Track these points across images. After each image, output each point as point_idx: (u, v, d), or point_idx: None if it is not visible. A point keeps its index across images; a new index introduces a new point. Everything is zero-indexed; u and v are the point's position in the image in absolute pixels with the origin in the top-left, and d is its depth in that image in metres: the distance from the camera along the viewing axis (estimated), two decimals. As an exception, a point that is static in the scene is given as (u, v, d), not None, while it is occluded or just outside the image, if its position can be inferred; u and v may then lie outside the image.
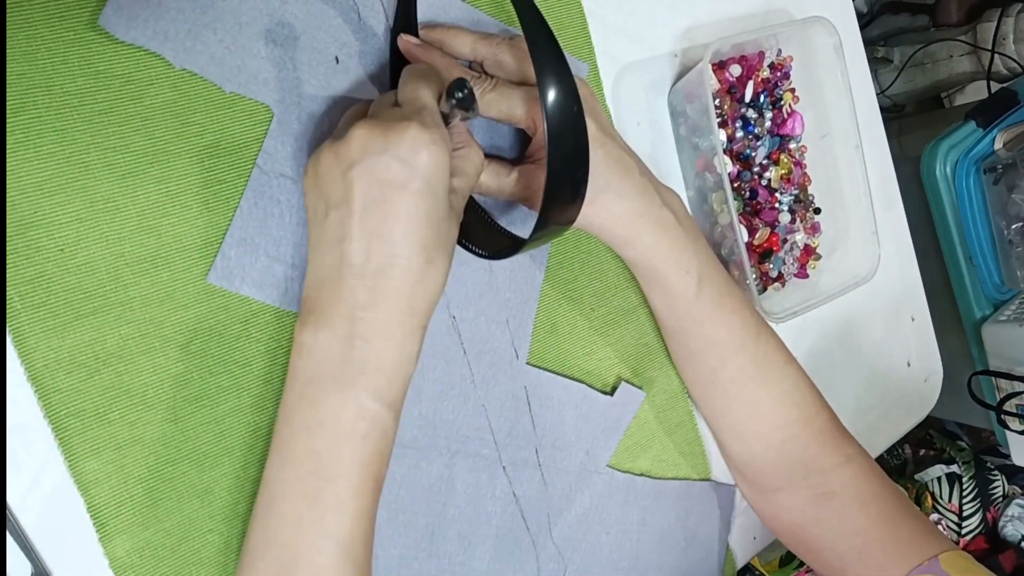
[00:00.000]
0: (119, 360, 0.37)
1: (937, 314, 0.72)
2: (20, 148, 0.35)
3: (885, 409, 0.68)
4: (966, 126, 0.89)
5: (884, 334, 0.68)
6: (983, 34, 1.18)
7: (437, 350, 0.46)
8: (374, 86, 0.43)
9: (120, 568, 0.37)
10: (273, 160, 0.40)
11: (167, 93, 0.38)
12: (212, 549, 0.40)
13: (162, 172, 0.38)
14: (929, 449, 1.38)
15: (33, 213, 0.35)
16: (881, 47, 1.32)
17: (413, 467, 0.45)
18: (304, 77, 0.41)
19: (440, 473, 0.46)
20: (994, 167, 0.90)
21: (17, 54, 0.34)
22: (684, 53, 0.55)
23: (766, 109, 0.56)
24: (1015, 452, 0.95)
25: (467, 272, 0.46)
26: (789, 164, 0.57)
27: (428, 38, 0.43)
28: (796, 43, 0.57)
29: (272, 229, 0.40)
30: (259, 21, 0.39)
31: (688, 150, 0.54)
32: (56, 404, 0.36)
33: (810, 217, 0.59)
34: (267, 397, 0.41)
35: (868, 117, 0.65)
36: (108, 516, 0.37)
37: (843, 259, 0.59)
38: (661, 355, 0.55)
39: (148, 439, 0.38)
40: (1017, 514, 1.26)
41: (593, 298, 0.52)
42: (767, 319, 0.53)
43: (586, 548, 0.52)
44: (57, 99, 0.35)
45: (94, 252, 0.36)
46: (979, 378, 0.92)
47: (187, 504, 0.39)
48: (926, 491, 1.29)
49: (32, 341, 0.35)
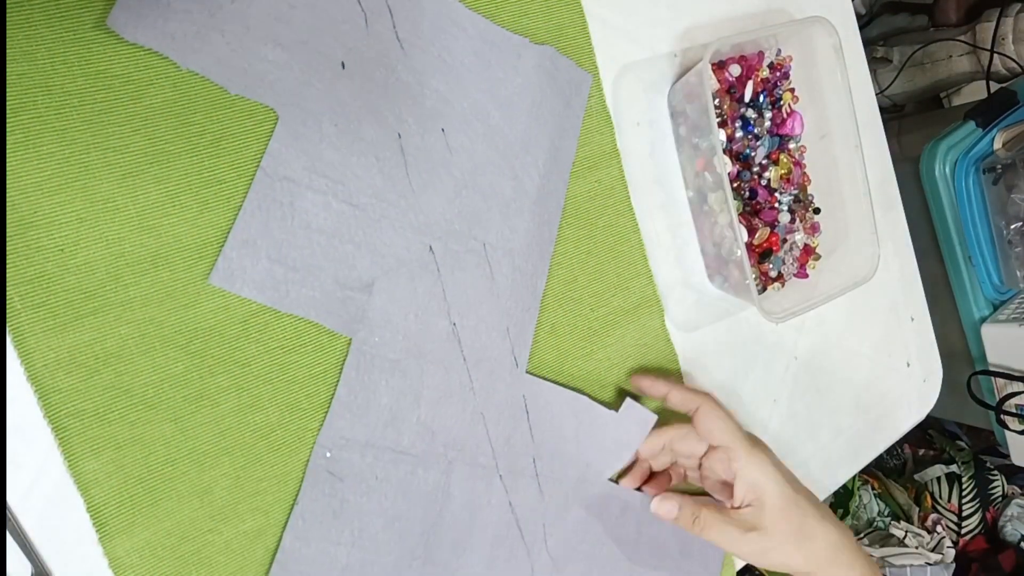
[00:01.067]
0: (119, 360, 0.37)
1: (937, 314, 0.72)
2: (20, 148, 0.35)
3: (885, 409, 0.68)
4: (965, 126, 0.89)
5: (883, 334, 0.68)
6: (982, 34, 1.18)
7: (437, 357, 0.45)
8: (380, 93, 0.43)
9: (120, 568, 0.37)
10: (277, 163, 0.40)
11: (167, 93, 0.38)
12: (212, 549, 0.40)
13: (162, 172, 0.38)
14: (929, 449, 1.38)
15: (33, 213, 0.35)
16: (880, 47, 1.32)
17: (410, 473, 0.45)
18: (310, 81, 0.41)
19: (437, 480, 0.46)
20: (993, 167, 0.90)
21: (17, 54, 0.34)
22: (684, 53, 0.55)
23: (766, 109, 0.56)
24: (1014, 452, 0.95)
25: (468, 279, 0.46)
26: (789, 164, 0.57)
27: None
28: (796, 43, 0.57)
29: (274, 231, 0.40)
30: (266, 25, 0.39)
31: (688, 150, 0.54)
32: (56, 404, 0.36)
33: (810, 217, 0.59)
34: (267, 397, 0.41)
35: (868, 117, 0.65)
36: (108, 516, 0.37)
37: (843, 259, 0.59)
38: (661, 356, 0.55)
39: (148, 439, 0.38)
40: (1016, 514, 1.26)
41: (593, 299, 0.52)
42: (767, 319, 0.53)
43: (581, 559, 0.52)
44: (57, 99, 0.35)
45: (94, 252, 0.36)
46: (979, 378, 0.92)
47: (187, 504, 0.39)
48: (926, 491, 1.29)
49: (32, 341, 0.35)
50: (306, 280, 0.41)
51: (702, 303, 0.57)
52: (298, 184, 0.41)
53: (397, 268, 0.44)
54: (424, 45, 0.44)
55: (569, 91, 0.50)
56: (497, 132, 0.47)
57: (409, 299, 0.44)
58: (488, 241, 0.47)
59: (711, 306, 0.57)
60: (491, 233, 0.47)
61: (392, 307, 0.44)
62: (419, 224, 0.44)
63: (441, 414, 0.46)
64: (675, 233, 0.55)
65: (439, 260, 0.45)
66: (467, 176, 0.46)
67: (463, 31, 0.46)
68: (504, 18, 0.47)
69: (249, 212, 0.40)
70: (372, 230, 0.43)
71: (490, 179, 0.47)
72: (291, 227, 0.41)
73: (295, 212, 0.41)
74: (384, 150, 0.43)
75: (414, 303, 0.44)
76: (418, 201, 0.44)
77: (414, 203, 0.44)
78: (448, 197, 0.45)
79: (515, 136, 0.48)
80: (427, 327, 0.45)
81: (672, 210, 0.55)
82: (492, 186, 0.47)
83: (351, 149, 0.42)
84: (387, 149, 0.43)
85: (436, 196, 0.45)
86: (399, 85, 0.43)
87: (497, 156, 0.47)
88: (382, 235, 0.43)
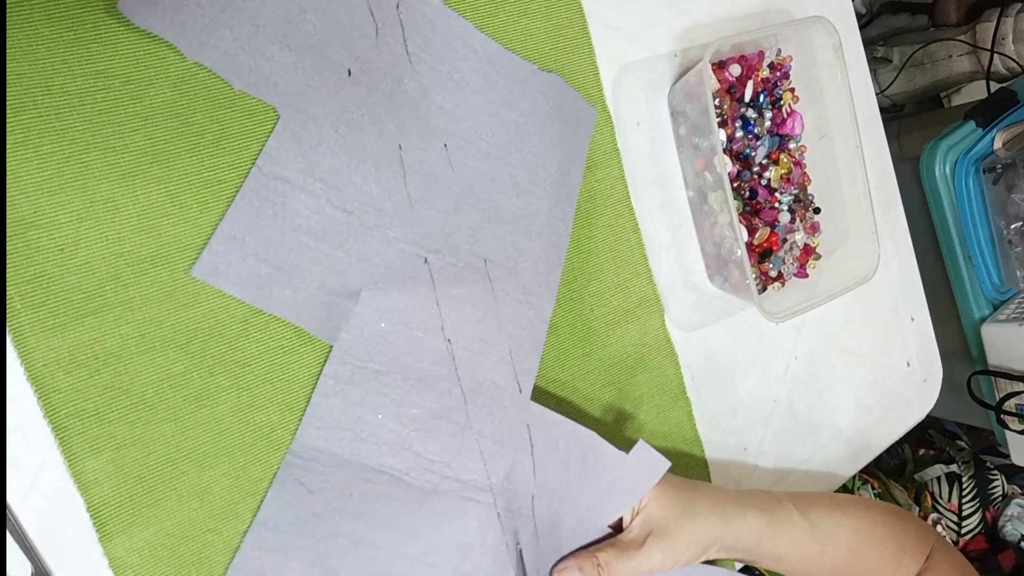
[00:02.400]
0: (119, 360, 0.37)
1: (937, 314, 0.72)
2: (20, 148, 0.35)
3: (885, 409, 0.68)
4: (965, 126, 0.89)
5: (884, 334, 0.68)
6: (982, 34, 1.18)
7: (427, 374, 0.43)
8: (384, 103, 0.43)
9: (120, 568, 0.37)
10: (273, 162, 0.40)
11: (167, 93, 0.38)
12: (212, 549, 0.40)
13: (162, 172, 0.38)
14: (929, 449, 1.38)
15: (33, 213, 0.35)
16: (880, 47, 1.32)
17: (390, 496, 0.42)
18: (315, 85, 0.40)
19: (420, 509, 0.43)
20: (993, 167, 0.90)
21: (17, 54, 0.34)
22: (684, 53, 0.55)
23: (766, 109, 0.56)
24: (1014, 452, 0.95)
25: (466, 294, 0.44)
26: (789, 164, 0.57)
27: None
28: (796, 43, 0.57)
29: (263, 230, 0.40)
30: (276, 25, 0.39)
31: (688, 150, 0.54)
32: (56, 404, 0.36)
33: (810, 217, 0.59)
34: (267, 397, 0.41)
35: (867, 117, 0.65)
36: (108, 516, 0.37)
37: (843, 259, 0.59)
38: (661, 356, 0.55)
39: (148, 439, 0.38)
40: (1016, 514, 1.25)
41: (593, 299, 0.52)
42: (767, 319, 0.53)
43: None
44: (57, 99, 0.35)
45: (94, 252, 0.36)
46: (979, 378, 0.92)
47: (187, 504, 0.39)
48: (925, 491, 1.29)
49: (32, 341, 0.35)
50: (291, 282, 0.40)
51: (702, 303, 0.57)
52: (292, 185, 0.40)
53: (387, 277, 0.42)
54: (433, 61, 0.44)
55: (575, 121, 0.50)
56: (502, 152, 0.46)
57: (398, 310, 0.42)
58: (489, 258, 0.45)
59: (711, 306, 0.57)
60: (493, 250, 0.46)
61: (378, 317, 0.42)
62: (414, 236, 0.43)
63: (429, 437, 0.43)
64: (675, 233, 0.55)
65: (434, 272, 0.43)
66: (468, 192, 0.45)
67: (473, 52, 0.45)
68: (504, 18, 0.47)
69: (239, 208, 0.39)
70: (364, 238, 0.42)
71: (492, 196, 0.46)
72: (281, 227, 0.40)
73: (287, 213, 0.40)
74: (383, 160, 0.42)
75: (404, 315, 0.42)
76: (415, 213, 0.43)
77: (410, 215, 0.43)
78: (446, 211, 0.44)
79: (521, 157, 0.47)
80: (417, 342, 0.43)
81: (672, 210, 0.55)
82: (495, 204, 0.46)
83: (350, 156, 0.41)
84: (386, 159, 0.42)
85: (434, 209, 0.44)
86: (404, 98, 0.43)
87: (501, 175, 0.46)
88: (374, 243, 0.42)
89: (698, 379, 0.57)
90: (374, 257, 0.42)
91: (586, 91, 0.51)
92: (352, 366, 0.42)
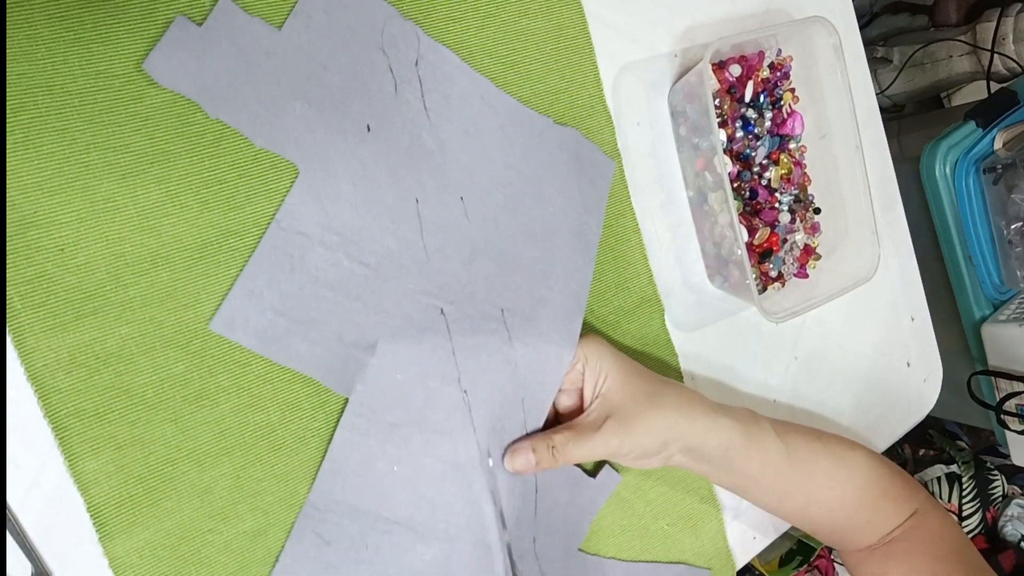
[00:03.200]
0: (119, 360, 0.37)
1: (937, 314, 0.72)
2: (20, 148, 0.35)
3: (885, 409, 0.68)
4: (966, 126, 0.89)
5: (883, 334, 0.68)
6: (982, 34, 1.18)
7: (444, 426, 0.44)
8: (402, 157, 0.43)
9: (120, 568, 0.37)
10: (292, 217, 0.40)
11: (167, 93, 0.38)
12: (212, 549, 0.40)
13: (162, 172, 0.38)
14: (929, 449, 1.38)
15: (33, 213, 0.35)
16: (881, 47, 1.32)
17: (406, 548, 0.43)
18: (335, 141, 0.41)
19: (436, 558, 0.44)
20: (994, 167, 0.90)
21: (17, 54, 0.34)
22: (684, 53, 0.55)
23: (766, 109, 0.56)
24: (1015, 452, 0.95)
25: (483, 344, 0.45)
26: (789, 164, 0.57)
27: None
28: (796, 43, 0.57)
29: (282, 284, 0.40)
30: (297, 82, 0.39)
31: (688, 150, 0.54)
32: (56, 404, 0.36)
33: (810, 217, 0.59)
34: (267, 397, 0.41)
35: (868, 117, 0.65)
36: (108, 516, 0.37)
37: (843, 259, 0.59)
38: (661, 356, 0.55)
39: (148, 439, 0.38)
40: (1016, 514, 1.26)
41: (593, 299, 0.52)
42: (767, 319, 0.53)
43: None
44: (57, 99, 0.35)
45: (94, 252, 0.36)
46: (979, 378, 0.92)
47: (187, 504, 0.39)
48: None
49: (32, 341, 0.35)
50: (308, 334, 0.41)
51: (702, 303, 0.57)
52: (310, 239, 0.40)
53: (404, 328, 0.43)
54: (451, 116, 0.44)
55: (593, 172, 0.50)
56: (519, 202, 0.47)
57: (415, 362, 0.43)
58: (507, 307, 0.46)
59: (711, 306, 0.57)
60: (510, 299, 0.46)
61: (394, 369, 0.42)
62: (431, 287, 0.44)
63: (445, 488, 0.44)
64: (675, 233, 0.55)
65: (451, 323, 0.44)
66: (485, 243, 0.45)
67: (491, 107, 0.46)
68: (504, 17, 0.47)
69: (258, 262, 0.39)
70: (381, 290, 0.42)
71: (509, 246, 0.46)
72: (299, 280, 0.40)
73: (304, 266, 0.40)
74: (400, 213, 0.43)
75: (420, 366, 0.43)
76: (431, 264, 0.44)
77: (427, 266, 0.43)
78: (463, 261, 0.45)
79: (538, 207, 0.47)
80: (434, 393, 0.43)
81: (672, 210, 0.55)
82: (512, 253, 0.46)
83: (367, 209, 0.42)
84: (404, 212, 0.43)
85: (450, 260, 0.44)
86: (422, 152, 0.43)
87: (518, 225, 0.46)
88: (391, 295, 0.42)
89: (698, 379, 0.57)
90: (391, 309, 0.43)
91: (586, 91, 0.51)
92: (368, 418, 0.42)
